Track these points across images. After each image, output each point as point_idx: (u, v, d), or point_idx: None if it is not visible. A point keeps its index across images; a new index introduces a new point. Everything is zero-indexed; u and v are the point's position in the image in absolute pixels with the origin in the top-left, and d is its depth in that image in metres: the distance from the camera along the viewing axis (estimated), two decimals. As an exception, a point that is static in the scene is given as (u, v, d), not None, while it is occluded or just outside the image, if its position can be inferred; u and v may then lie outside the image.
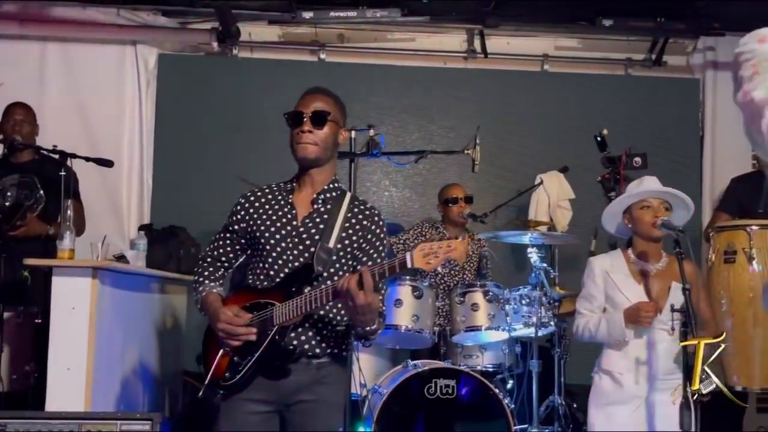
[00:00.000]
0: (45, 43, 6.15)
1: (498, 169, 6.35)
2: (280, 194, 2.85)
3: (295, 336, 2.69)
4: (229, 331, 2.68)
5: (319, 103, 2.81)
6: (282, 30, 6.50)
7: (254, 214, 2.82)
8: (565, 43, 6.67)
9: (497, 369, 4.78)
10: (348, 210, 2.79)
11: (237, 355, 2.71)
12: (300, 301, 2.62)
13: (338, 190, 2.84)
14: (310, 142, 2.76)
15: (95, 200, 5.79)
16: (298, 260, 2.72)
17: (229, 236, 2.91)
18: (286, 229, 2.76)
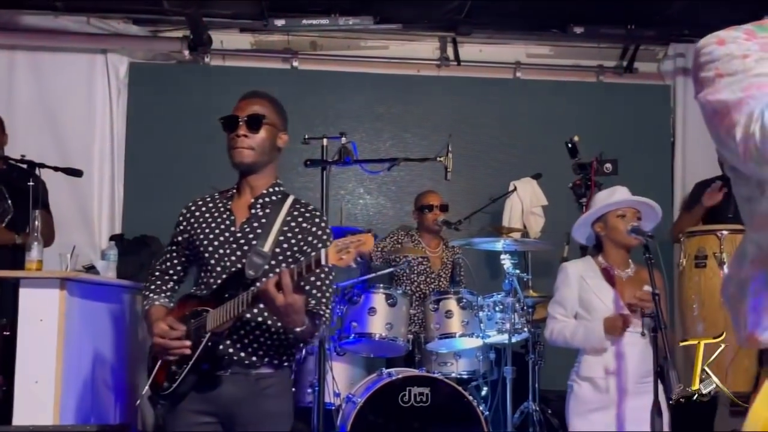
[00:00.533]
0: (14, 52, 6.06)
1: (471, 176, 6.35)
2: (221, 202, 2.81)
3: (229, 344, 2.63)
4: (162, 345, 2.63)
5: (255, 107, 2.77)
6: (254, 38, 6.47)
7: (195, 223, 2.78)
8: (536, 50, 6.71)
9: (472, 376, 4.78)
10: (288, 213, 2.75)
11: (174, 363, 2.66)
12: (228, 305, 2.56)
13: (279, 194, 2.80)
14: (246, 146, 2.71)
15: (66, 210, 5.73)
16: (236, 266, 2.68)
17: (175, 249, 2.87)
18: (224, 235, 2.72)
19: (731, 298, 1.67)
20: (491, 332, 4.64)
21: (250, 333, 2.67)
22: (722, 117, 1.48)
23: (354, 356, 4.73)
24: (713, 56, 1.53)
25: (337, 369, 4.56)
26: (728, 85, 1.48)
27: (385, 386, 4.22)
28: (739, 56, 1.50)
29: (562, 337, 3.69)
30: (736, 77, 1.48)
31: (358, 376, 4.68)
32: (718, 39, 1.55)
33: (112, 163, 6.16)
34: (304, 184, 6.10)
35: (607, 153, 4.96)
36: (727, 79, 1.49)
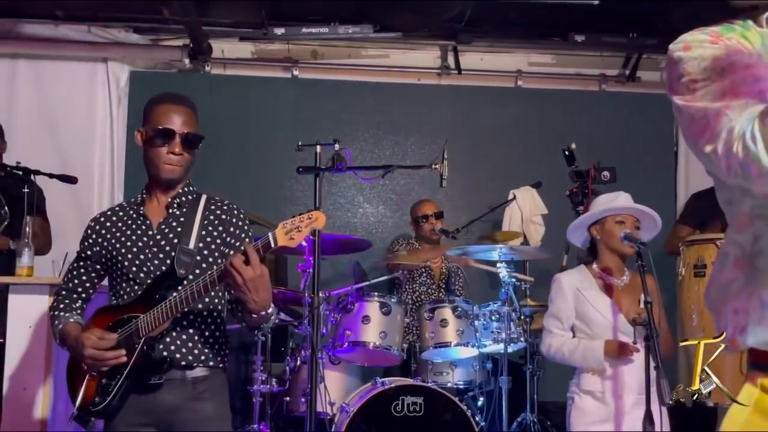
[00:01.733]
0: (15, 60, 6.10)
1: (471, 184, 6.33)
2: (131, 208, 2.76)
3: (165, 346, 2.58)
4: (96, 356, 2.53)
5: (189, 121, 2.70)
6: (255, 46, 6.47)
7: (107, 234, 2.71)
8: (538, 59, 6.68)
9: (468, 386, 4.73)
10: (205, 209, 2.73)
11: (105, 376, 2.57)
12: (165, 306, 2.51)
13: (193, 194, 2.77)
14: (179, 164, 2.66)
15: (65, 218, 5.72)
16: (159, 269, 2.63)
17: (83, 264, 2.79)
18: (142, 240, 2.67)
19: (713, 302, 1.64)
20: (487, 341, 4.59)
21: (185, 333, 2.62)
22: (701, 127, 1.47)
23: (349, 365, 4.69)
24: (683, 61, 1.52)
25: (331, 378, 4.53)
26: (704, 95, 1.47)
27: (377, 395, 4.18)
28: (708, 59, 1.48)
29: (560, 354, 3.65)
30: (709, 82, 1.48)
31: (353, 386, 4.63)
32: (684, 44, 1.55)
33: (112, 171, 6.17)
34: (302, 191, 6.09)
35: (609, 162, 4.91)
36: (701, 84, 1.48)
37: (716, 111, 1.44)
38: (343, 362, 4.62)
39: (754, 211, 1.54)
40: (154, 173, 2.69)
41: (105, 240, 2.70)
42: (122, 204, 2.82)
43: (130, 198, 2.83)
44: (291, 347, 4.71)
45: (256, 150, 6.25)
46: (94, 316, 2.70)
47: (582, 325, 3.66)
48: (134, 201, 2.78)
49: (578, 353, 3.57)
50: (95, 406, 2.57)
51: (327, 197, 6.16)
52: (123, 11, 6.07)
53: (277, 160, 6.08)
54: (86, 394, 2.60)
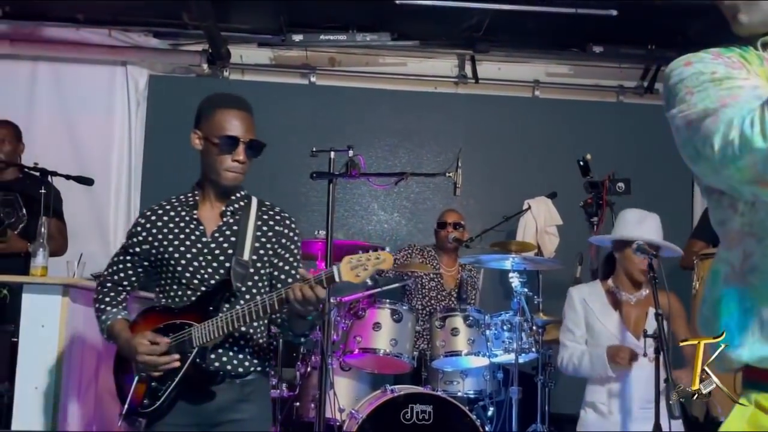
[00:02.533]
0: (36, 63, 6.17)
1: (486, 194, 6.32)
2: (183, 210, 2.72)
3: (216, 357, 2.60)
4: (149, 362, 2.54)
5: (252, 127, 2.68)
6: (273, 53, 6.51)
7: (158, 234, 2.68)
8: (556, 69, 6.67)
9: (478, 395, 4.70)
10: (257, 218, 2.72)
11: (155, 380, 2.59)
12: (221, 321, 2.52)
13: (245, 199, 2.76)
14: (242, 172, 2.66)
15: (82, 220, 5.78)
16: (214, 278, 2.63)
17: (130, 259, 2.78)
18: (196, 246, 2.65)
19: (706, 321, 1.63)
20: (498, 351, 4.56)
21: (236, 343, 2.64)
22: (697, 127, 1.46)
23: (359, 372, 4.68)
24: (682, 76, 1.55)
25: (341, 384, 4.52)
26: (702, 99, 1.48)
27: (387, 403, 4.17)
28: (707, 73, 1.50)
29: (571, 366, 3.68)
30: (707, 91, 1.48)
31: (363, 393, 4.62)
32: (686, 61, 1.57)
33: (129, 174, 6.22)
34: (316, 197, 6.11)
35: (627, 174, 4.90)
36: (698, 94, 1.49)
37: (714, 110, 1.44)
38: (354, 369, 4.61)
39: (744, 228, 1.53)
40: (214, 179, 2.67)
41: (155, 239, 2.68)
42: (172, 202, 2.76)
43: (179, 195, 2.78)
44: (302, 353, 4.71)
45: (272, 155, 6.15)
46: (144, 314, 2.73)
47: (589, 338, 3.67)
48: (185, 201, 2.73)
49: (585, 361, 3.59)
50: (144, 408, 2.59)
51: (341, 204, 6.17)
52: (143, 16, 6.12)
53: (293, 166, 6.09)
54: (135, 395, 2.63)
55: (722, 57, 1.53)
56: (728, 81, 1.46)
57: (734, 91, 1.44)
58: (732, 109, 1.41)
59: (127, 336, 2.65)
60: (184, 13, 5.94)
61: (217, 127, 2.65)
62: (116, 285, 2.82)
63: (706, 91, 1.47)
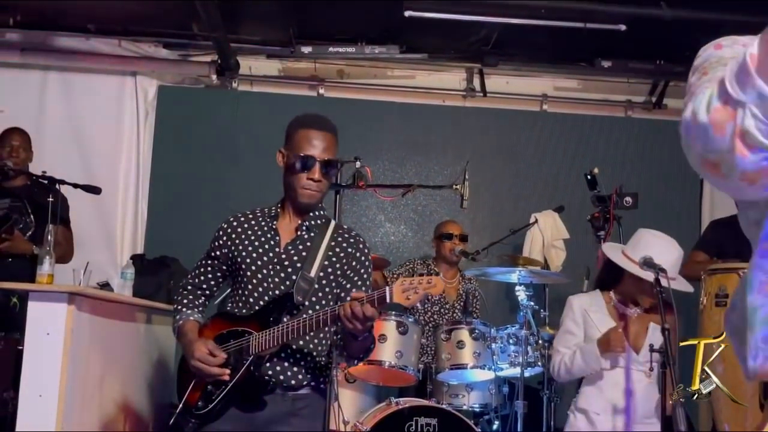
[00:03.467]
0: (46, 72, 6.21)
1: (493, 207, 6.32)
2: (264, 220, 2.80)
3: (270, 366, 2.64)
4: (202, 369, 2.63)
5: (330, 147, 2.71)
6: (282, 64, 6.53)
7: (236, 239, 2.77)
8: (564, 83, 6.68)
9: (483, 409, 4.68)
10: (332, 238, 2.75)
11: (211, 383, 2.66)
12: (278, 331, 2.56)
13: (323, 218, 2.80)
14: (318, 190, 2.70)
15: (89, 228, 5.80)
16: (279, 288, 2.68)
17: (210, 263, 2.86)
18: (268, 255, 2.71)
19: (736, 330, 1.58)
20: (504, 365, 4.54)
21: (291, 356, 2.67)
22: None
23: (364, 384, 4.67)
24: (704, 57, 1.42)
25: (346, 396, 4.51)
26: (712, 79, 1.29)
27: (392, 415, 4.15)
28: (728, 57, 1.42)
29: (564, 367, 3.63)
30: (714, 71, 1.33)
31: (368, 405, 4.61)
32: (716, 44, 1.46)
33: (137, 184, 6.24)
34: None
35: (634, 189, 4.88)
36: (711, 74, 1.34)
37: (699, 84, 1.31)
38: (359, 381, 4.61)
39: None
40: (293, 197, 2.73)
41: (233, 244, 2.76)
42: (256, 212, 2.84)
43: (264, 208, 2.85)
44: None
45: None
46: (214, 318, 2.81)
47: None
48: (269, 212, 2.81)
49: (578, 359, 3.54)
50: (198, 409, 2.66)
51: (348, 215, 6.18)
52: (153, 26, 6.16)
53: (300, 177, 6.10)
54: (191, 396, 2.70)
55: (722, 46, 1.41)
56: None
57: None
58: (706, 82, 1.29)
59: (192, 338, 2.72)
60: (194, 24, 5.98)
61: (297, 147, 2.72)
62: (196, 288, 2.89)
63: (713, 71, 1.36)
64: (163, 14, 5.90)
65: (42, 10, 5.90)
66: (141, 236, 6.22)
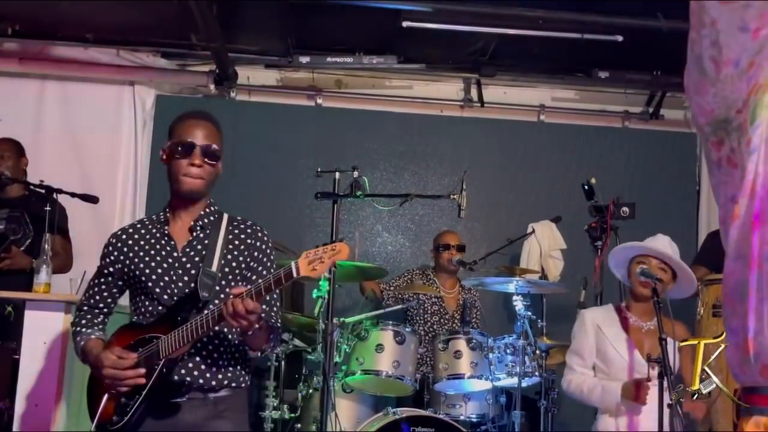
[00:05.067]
0: (44, 81, 6.20)
1: (491, 217, 6.33)
2: (154, 227, 2.73)
3: (185, 369, 2.58)
4: (115, 376, 2.53)
5: (210, 135, 2.69)
6: (280, 74, 6.54)
7: (129, 252, 2.69)
8: (561, 94, 6.69)
9: (481, 419, 4.67)
10: (228, 231, 2.71)
11: (124, 395, 2.57)
12: (185, 330, 2.51)
13: (215, 214, 2.76)
14: (200, 176, 2.65)
15: (86, 238, 5.76)
16: (184, 291, 2.62)
17: (104, 280, 2.78)
18: (167, 261, 2.66)
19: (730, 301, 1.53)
20: (501, 375, 4.54)
21: (208, 356, 2.62)
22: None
23: (362, 394, 4.66)
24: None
25: (343, 406, 4.50)
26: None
27: (388, 425, 4.15)
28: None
29: (579, 391, 3.60)
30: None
31: (365, 415, 4.60)
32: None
33: (134, 193, 6.23)
34: (321, 218, 6.11)
35: (632, 199, 4.89)
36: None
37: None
38: (356, 390, 4.59)
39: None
40: (176, 187, 2.68)
41: (127, 258, 2.68)
42: (143, 221, 2.79)
43: (151, 215, 2.82)
44: (304, 374, 4.70)
45: (278, 176, 6.28)
46: (117, 333, 2.71)
47: (601, 364, 3.61)
48: (157, 219, 2.76)
49: (596, 393, 3.51)
50: (113, 424, 2.57)
51: (346, 224, 6.17)
52: (151, 36, 6.16)
53: (298, 187, 6.11)
54: (105, 411, 2.61)
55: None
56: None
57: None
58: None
59: (96, 352, 2.64)
60: (192, 34, 5.98)
61: (176, 136, 2.69)
62: (92, 308, 2.81)
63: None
64: (162, 24, 5.91)
65: (40, 19, 5.90)
66: (138, 245, 6.20)
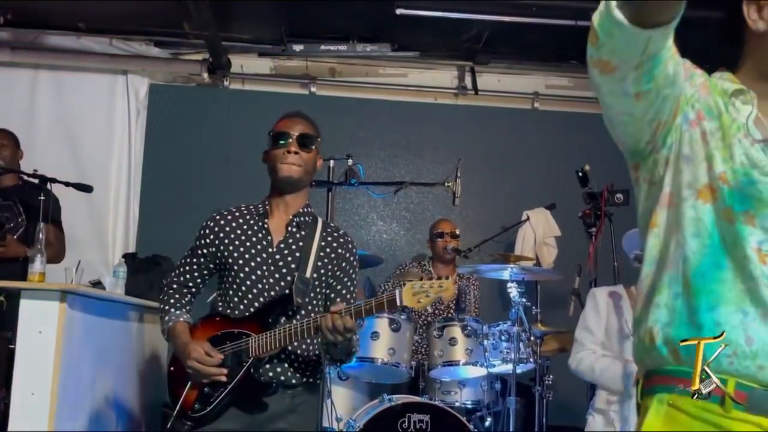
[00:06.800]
0: (37, 71, 6.19)
1: (485, 204, 6.33)
2: (252, 218, 2.78)
3: (270, 368, 2.65)
4: (199, 370, 2.61)
5: (304, 127, 2.78)
6: (274, 62, 6.53)
7: (225, 238, 2.74)
8: (556, 81, 6.69)
9: (476, 406, 4.69)
10: (321, 238, 2.75)
11: (208, 386, 2.65)
12: (278, 334, 2.57)
13: (311, 216, 2.81)
14: (296, 163, 2.71)
15: (81, 227, 5.79)
16: (274, 289, 2.67)
17: (196, 261, 2.83)
18: (261, 256, 2.70)
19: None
20: (496, 361, 4.55)
21: (288, 356, 2.68)
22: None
23: (357, 381, 4.67)
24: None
25: (339, 394, 4.52)
26: None
27: (384, 412, 4.15)
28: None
29: (590, 371, 3.52)
30: None
31: (361, 402, 4.61)
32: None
33: (128, 183, 6.22)
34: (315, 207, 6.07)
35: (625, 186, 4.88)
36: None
37: None
38: (351, 378, 4.61)
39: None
40: (274, 176, 2.75)
41: (222, 243, 2.74)
42: (242, 209, 2.83)
43: (249, 205, 2.86)
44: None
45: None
46: (205, 320, 2.78)
47: (609, 342, 3.57)
48: (255, 210, 2.81)
49: (609, 373, 3.47)
50: (194, 412, 2.65)
51: (340, 213, 6.18)
52: (144, 25, 6.14)
53: (293, 176, 6.10)
54: (187, 399, 2.68)
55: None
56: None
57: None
58: None
59: (185, 340, 2.70)
60: (185, 23, 5.97)
61: (273, 132, 2.80)
62: (182, 287, 2.87)
63: None
64: (154, 13, 5.89)
65: (33, 8, 5.89)
66: (133, 235, 6.20)
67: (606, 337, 3.57)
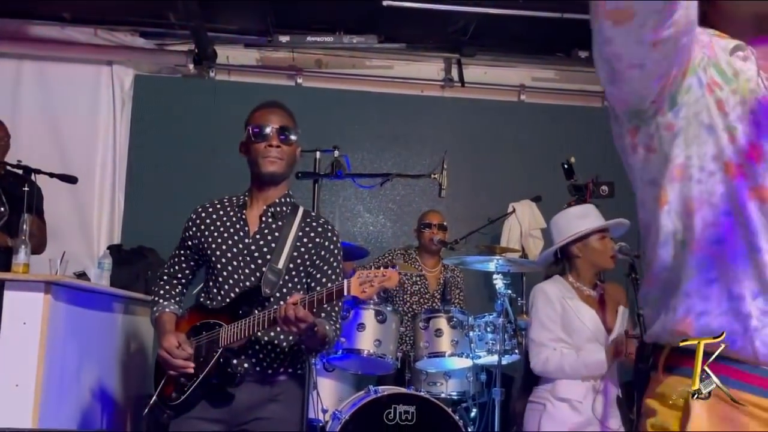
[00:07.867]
0: (21, 61, 6.13)
1: (471, 197, 6.34)
2: (232, 209, 2.79)
3: (242, 358, 2.65)
4: (166, 360, 2.65)
5: (282, 119, 2.77)
6: (260, 54, 6.51)
7: (206, 230, 2.76)
8: (542, 74, 6.70)
9: (461, 397, 4.71)
10: (299, 228, 2.75)
11: (183, 375, 2.68)
12: (245, 324, 2.58)
13: (290, 205, 2.80)
14: (278, 157, 2.72)
15: (65, 219, 5.76)
16: (249, 279, 2.68)
17: (183, 253, 2.86)
18: (238, 246, 2.71)
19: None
20: (482, 353, 4.56)
21: (266, 346, 2.68)
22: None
23: (343, 373, 4.68)
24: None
25: (325, 385, 4.52)
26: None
27: (370, 403, 4.16)
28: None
29: (561, 371, 3.45)
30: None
31: (347, 393, 4.63)
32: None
33: (113, 174, 6.19)
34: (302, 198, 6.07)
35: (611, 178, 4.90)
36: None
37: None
38: (337, 369, 4.62)
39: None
40: (257, 171, 2.75)
41: (203, 235, 2.76)
42: (225, 201, 2.85)
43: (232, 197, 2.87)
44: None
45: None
46: (190, 311, 2.82)
47: (565, 335, 3.54)
48: (237, 201, 2.82)
49: (580, 366, 3.45)
50: (171, 401, 2.67)
51: (327, 205, 6.18)
52: (129, 15, 6.10)
53: (279, 167, 6.08)
54: (166, 387, 2.72)
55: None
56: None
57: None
58: None
59: (167, 329, 2.74)
60: (171, 13, 5.94)
61: (251, 125, 2.78)
62: (172, 278, 2.90)
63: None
64: (140, 3, 5.85)
65: (16, -2, 5.85)
66: (118, 226, 6.17)
67: (565, 333, 3.52)
